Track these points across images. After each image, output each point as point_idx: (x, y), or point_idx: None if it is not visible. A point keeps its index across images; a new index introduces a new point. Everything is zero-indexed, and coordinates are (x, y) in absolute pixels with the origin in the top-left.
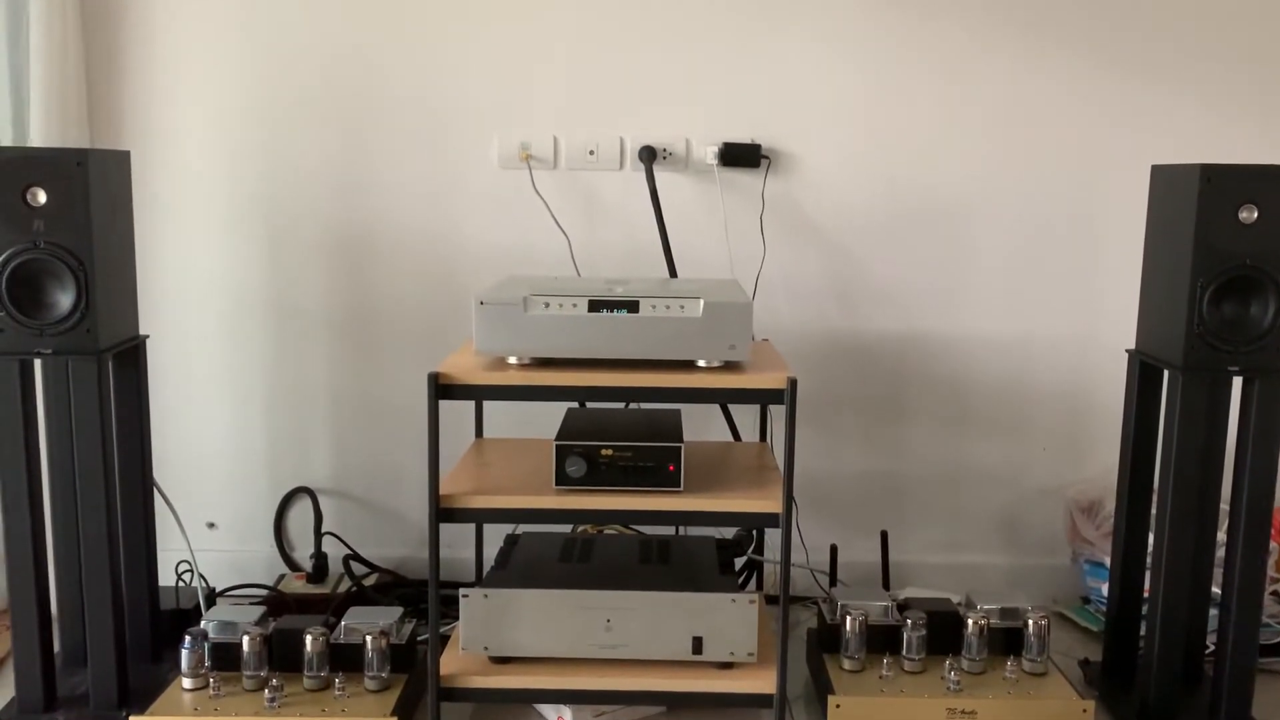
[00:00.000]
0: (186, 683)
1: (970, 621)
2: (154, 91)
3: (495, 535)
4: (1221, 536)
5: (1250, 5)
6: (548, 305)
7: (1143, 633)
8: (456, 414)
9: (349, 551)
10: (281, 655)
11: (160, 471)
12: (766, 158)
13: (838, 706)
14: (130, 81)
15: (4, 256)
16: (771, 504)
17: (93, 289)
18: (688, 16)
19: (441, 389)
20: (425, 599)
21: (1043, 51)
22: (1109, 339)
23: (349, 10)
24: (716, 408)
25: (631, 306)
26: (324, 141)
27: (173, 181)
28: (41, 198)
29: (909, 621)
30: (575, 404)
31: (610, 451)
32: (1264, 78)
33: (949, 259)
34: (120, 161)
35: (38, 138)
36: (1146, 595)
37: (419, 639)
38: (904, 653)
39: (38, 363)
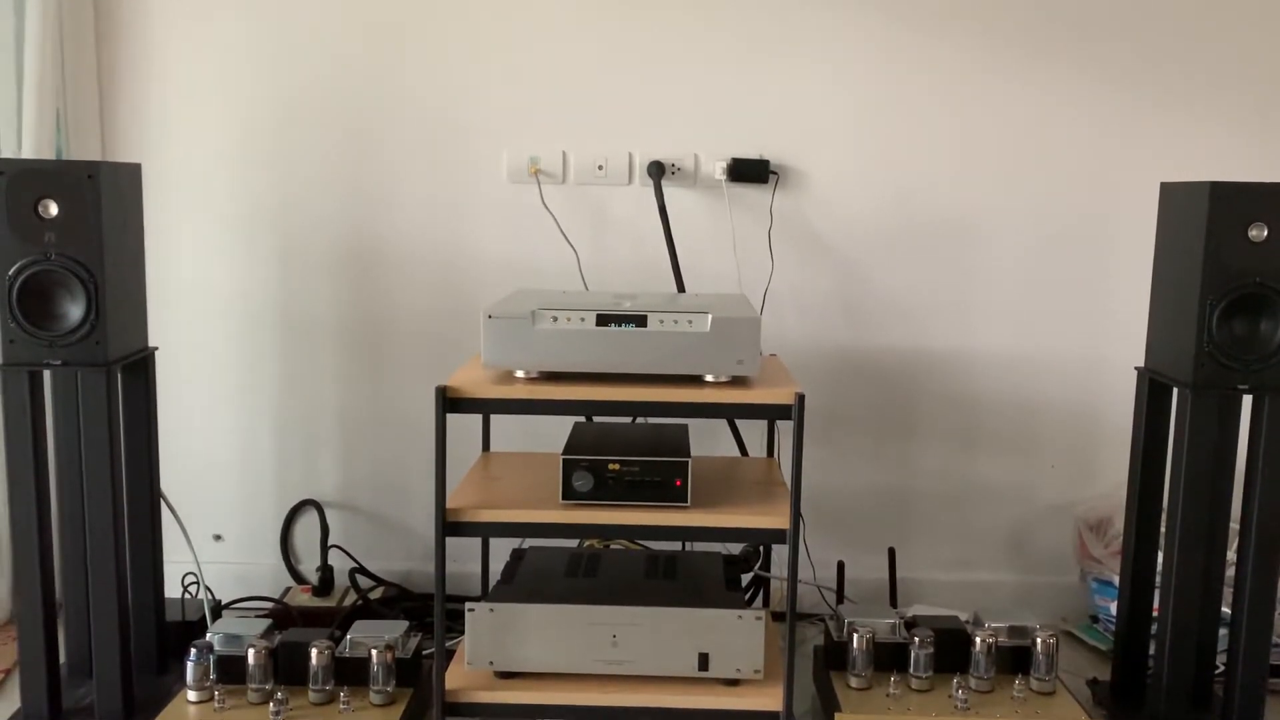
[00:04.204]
0: (191, 695)
1: (978, 639)
2: (165, 104)
3: (502, 549)
4: (1231, 555)
5: (1260, 26)
6: (556, 319)
7: (1152, 652)
8: (464, 427)
9: (355, 565)
10: (287, 668)
11: (167, 483)
12: (775, 173)
13: None
14: (142, 94)
15: (15, 268)
16: (779, 520)
17: (103, 301)
18: (697, 32)
19: (449, 402)
20: (431, 613)
21: (1052, 68)
22: (1118, 356)
23: (360, 24)
24: (724, 423)
25: (639, 321)
26: (334, 154)
27: (183, 194)
28: (53, 210)
29: (916, 639)
30: (582, 418)
31: (617, 466)
32: (1274, 97)
33: (957, 275)
34: (131, 174)
35: (49, 150)
36: (1156, 614)
37: (424, 653)
38: (911, 671)
39: (47, 374)
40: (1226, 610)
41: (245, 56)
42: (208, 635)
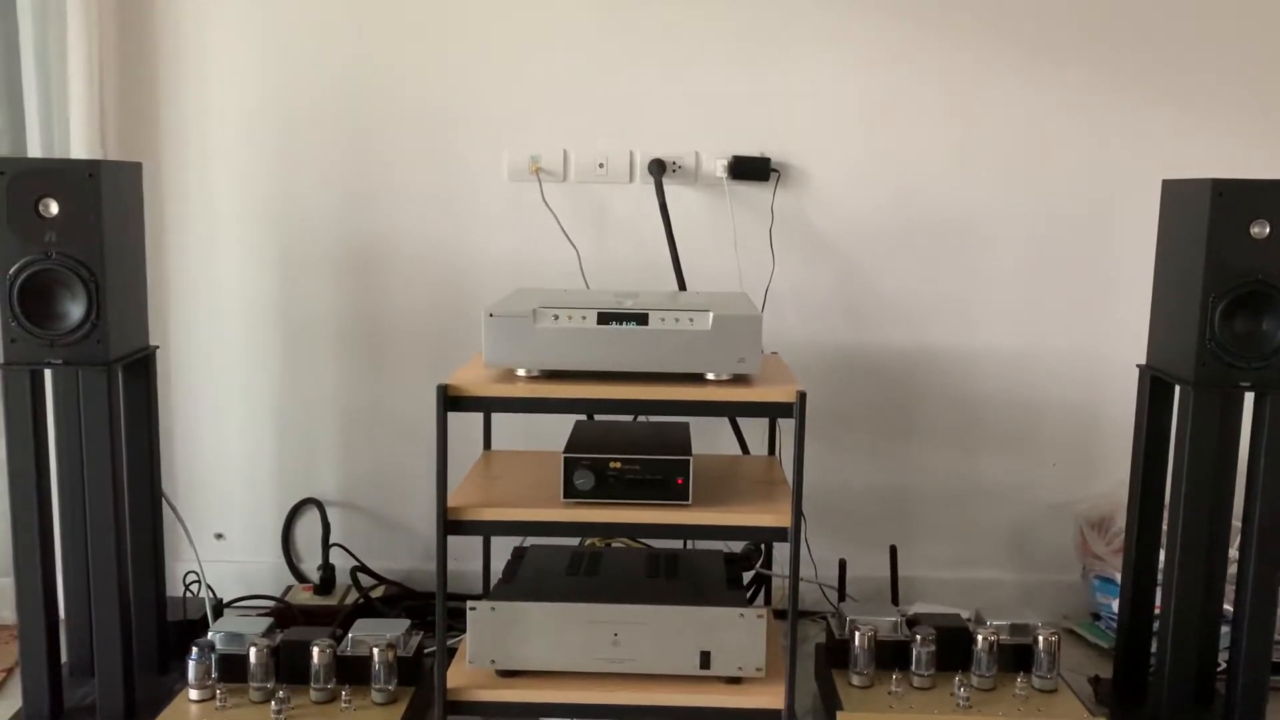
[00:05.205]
0: (193, 694)
1: (980, 637)
2: (167, 104)
3: (503, 548)
4: (1233, 553)
5: (1262, 23)
6: (557, 318)
7: (1154, 650)
8: (465, 426)
9: (356, 563)
10: (288, 667)
11: (169, 482)
12: (776, 171)
13: None
14: (143, 94)
15: (16, 267)
16: (780, 518)
17: (103, 300)
18: (698, 30)
19: (450, 401)
20: (432, 611)
21: (1053, 66)
22: (1120, 354)
23: (361, 24)
24: (725, 421)
25: (640, 319)
26: (335, 154)
27: (184, 193)
28: (53, 209)
29: (918, 637)
30: (584, 416)
31: (619, 464)
32: (1276, 93)
33: (959, 273)
34: (132, 173)
35: (49, 149)
36: (1158, 612)
37: (426, 652)
38: (913, 669)
39: (48, 373)
40: (1229, 608)
41: (247, 56)
42: (209, 634)
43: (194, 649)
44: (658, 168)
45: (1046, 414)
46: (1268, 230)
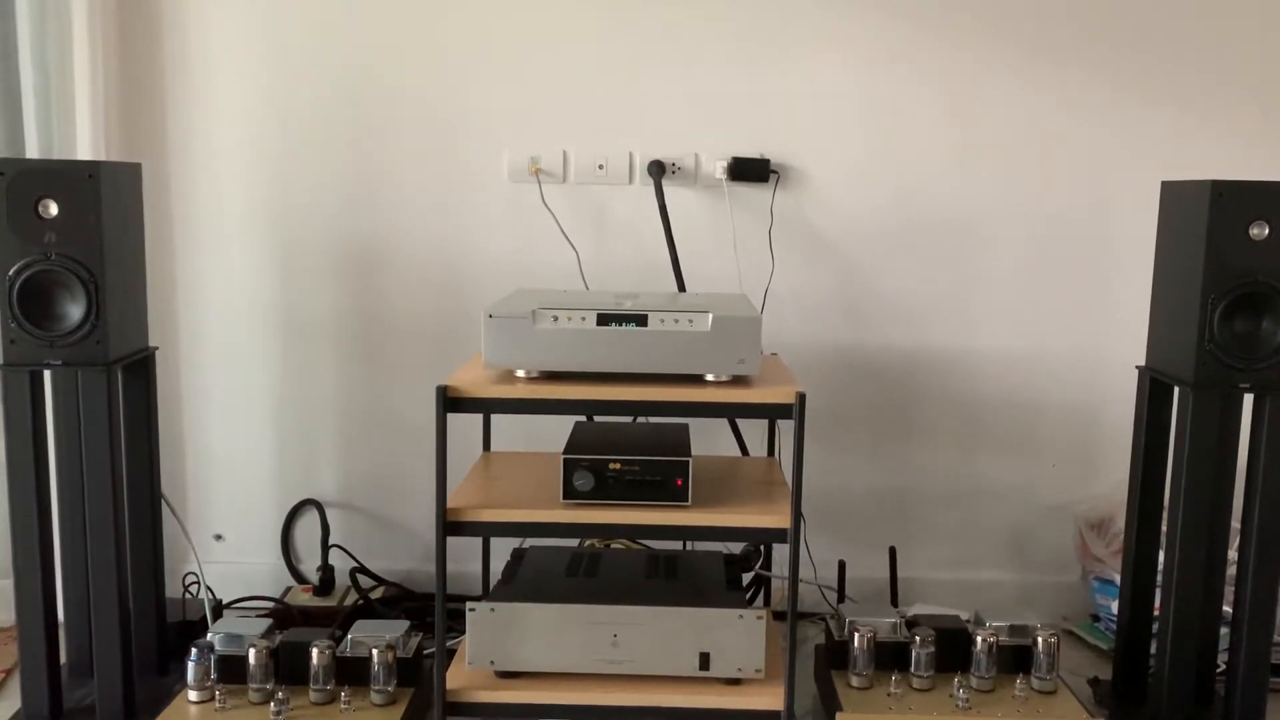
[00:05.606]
0: (192, 695)
1: (979, 639)
2: (167, 105)
3: (502, 549)
4: (1233, 554)
5: (1262, 23)
6: (556, 319)
7: (1153, 651)
8: (464, 427)
9: (356, 564)
10: (288, 668)
11: (168, 483)
12: (775, 172)
13: None
14: (143, 95)
15: (15, 268)
16: (780, 519)
17: (103, 301)
18: (697, 30)
19: (450, 402)
20: (432, 612)
21: (1053, 67)
22: (1119, 355)
23: (361, 24)
24: (725, 422)
25: (640, 320)
26: (336, 155)
27: (184, 195)
28: (53, 210)
29: (917, 638)
30: (583, 417)
31: (618, 465)
32: (1275, 95)
33: (958, 274)
34: (131, 174)
35: (48, 149)
36: (1157, 613)
37: (425, 653)
38: (912, 670)
39: (47, 374)
40: (1228, 609)
41: (248, 57)
42: (209, 635)
43: (193, 650)
44: (657, 169)
45: (1046, 415)
46: (1267, 231)
